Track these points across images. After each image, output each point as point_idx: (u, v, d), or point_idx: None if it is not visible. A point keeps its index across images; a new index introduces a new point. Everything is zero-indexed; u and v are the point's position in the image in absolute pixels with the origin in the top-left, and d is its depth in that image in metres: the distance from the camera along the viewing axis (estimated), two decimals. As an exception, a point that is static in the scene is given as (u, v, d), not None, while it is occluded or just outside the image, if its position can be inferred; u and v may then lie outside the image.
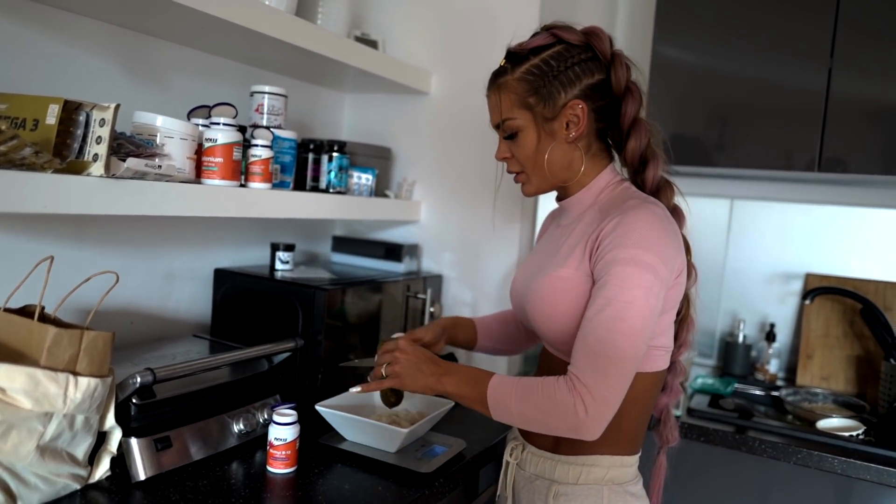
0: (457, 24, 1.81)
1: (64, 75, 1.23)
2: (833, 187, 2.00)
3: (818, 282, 1.99)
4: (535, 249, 1.23)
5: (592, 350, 0.94)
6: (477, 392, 1.02)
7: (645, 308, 0.94)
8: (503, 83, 1.07)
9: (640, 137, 1.07)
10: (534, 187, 1.12)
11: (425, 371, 1.08)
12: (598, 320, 0.95)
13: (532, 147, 1.07)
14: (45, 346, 0.91)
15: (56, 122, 0.95)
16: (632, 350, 0.94)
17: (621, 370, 0.94)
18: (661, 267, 0.96)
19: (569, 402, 0.93)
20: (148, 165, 1.04)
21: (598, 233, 1.00)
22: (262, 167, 1.31)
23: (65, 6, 1.19)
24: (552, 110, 1.04)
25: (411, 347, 1.11)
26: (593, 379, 0.93)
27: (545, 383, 0.97)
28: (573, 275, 1.02)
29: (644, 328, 0.95)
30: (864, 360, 1.89)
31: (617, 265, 0.95)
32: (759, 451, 1.49)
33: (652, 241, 0.96)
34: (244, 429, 1.21)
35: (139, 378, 1.02)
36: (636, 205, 1.00)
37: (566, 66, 1.04)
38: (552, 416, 0.95)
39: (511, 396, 0.99)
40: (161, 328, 1.48)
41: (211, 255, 1.58)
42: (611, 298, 0.94)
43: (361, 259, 1.82)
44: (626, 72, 1.05)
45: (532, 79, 1.04)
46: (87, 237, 1.31)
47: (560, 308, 1.03)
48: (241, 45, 1.42)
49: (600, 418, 0.93)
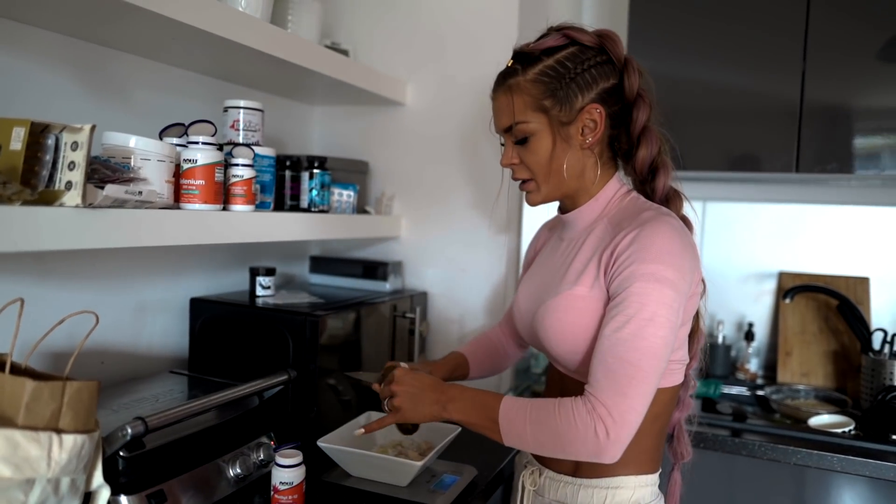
0: (430, 32, 1.76)
1: (14, 93, 1.11)
2: (802, 187, 2.04)
3: (792, 280, 2.03)
4: (538, 265, 1.18)
5: (611, 369, 0.90)
6: (486, 418, 0.97)
7: (665, 325, 0.91)
8: (515, 84, 1.01)
9: (650, 146, 1.04)
10: (542, 196, 1.07)
11: (427, 400, 1.01)
12: (618, 338, 0.91)
13: (546, 153, 1.02)
14: (22, 403, 0.80)
15: (23, 147, 0.85)
16: (653, 369, 0.91)
17: (642, 390, 0.90)
18: (680, 282, 0.93)
19: (588, 424, 0.89)
20: (128, 192, 0.94)
21: (612, 247, 0.97)
22: (245, 188, 1.21)
23: (12, 16, 1.07)
24: (569, 114, 1.00)
25: (408, 377, 1.04)
26: (613, 400, 0.89)
27: (561, 406, 0.92)
28: (588, 293, 0.98)
29: (665, 345, 0.92)
30: (840, 354, 1.94)
31: (636, 281, 0.92)
32: (760, 455, 1.49)
33: (671, 255, 0.93)
34: (240, 472, 1.11)
35: (129, 429, 0.92)
36: (652, 217, 0.97)
37: (583, 68, 1.00)
38: (570, 440, 0.90)
39: (525, 421, 0.94)
40: (134, 366, 1.35)
41: (184, 284, 1.47)
42: (631, 316, 0.91)
43: (342, 279, 1.73)
44: (638, 77, 1.02)
45: (548, 80, 0.99)
46: (50, 271, 1.18)
47: (575, 328, 0.98)
48: (209, 56, 1.32)
49: (621, 440, 0.89)
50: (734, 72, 1.75)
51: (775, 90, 1.71)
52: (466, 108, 1.72)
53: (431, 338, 1.77)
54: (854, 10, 1.64)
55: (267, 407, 1.25)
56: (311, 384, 1.30)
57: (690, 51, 1.78)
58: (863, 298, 1.95)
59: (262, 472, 1.16)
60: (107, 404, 1.10)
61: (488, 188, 1.71)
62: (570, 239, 1.09)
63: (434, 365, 1.25)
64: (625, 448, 0.90)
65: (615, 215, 1.04)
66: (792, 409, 1.71)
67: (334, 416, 1.36)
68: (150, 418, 0.94)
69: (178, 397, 1.18)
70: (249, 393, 1.15)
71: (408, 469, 1.11)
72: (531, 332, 1.10)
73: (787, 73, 1.69)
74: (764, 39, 1.71)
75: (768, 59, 1.71)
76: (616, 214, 1.04)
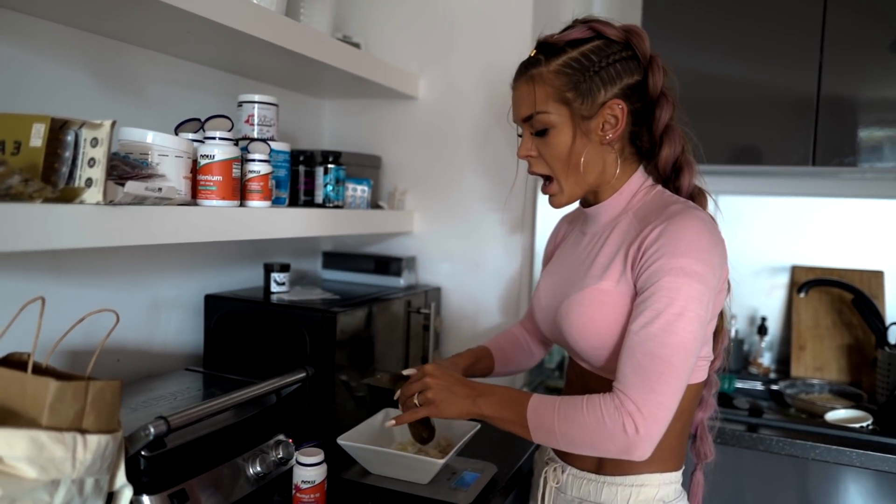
0: (443, 25, 1.74)
1: (25, 87, 1.09)
2: (815, 180, 2.03)
3: (805, 274, 2.02)
4: (558, 259, 1.16)
5: (641, 365, 0.89)
6: (516, 414, 0.96)
7: (695, 320, 0.90)
8: (537, 74, 0.99)
9: (673, 144, 1.03)
10: (566, 197, 1.05)
11: (459, 394, 1.01)
12: (647, 334, 0.90)
13: (565, 147, 1.00)
14: (46, 403, 0.79)
15: (43, 144, 0.83)
16: (683, 364, 0.90)
17: (672, 386, 0.89)
18: (709, 276, 0.92)
19: (617, 421, 0.88)
20: (148, 189, 0.93)
21: (639, 241, 0.95)
22: (262, 184, 1.20)
23: (24, 9, 1.05)
24: (590, 108, 0.98)
25: (440, 371, 1.04)
26: (643, 396, 0.88)
27: (590, 402, 0.91)
28: (614, 288, 0.97)
29: (695, 340, 0.90)
30: (854, 348, 1.92)
31: (665, 275, 0.90)
32: (777, 450, 1.48)
33: (700, 249, 0.91)
34: (260, 471, 1.10)
35: (152, 429, 0.91)
36: (680, 210, 0.95)
37: (607, 62, 0.98)
38: (600, 437, 0.90)
39: (553, 418, 0.93)
40: (150, 364, 1.34)
41: (198, 280, 1.45)
42: (660, 310, 0.89)
43: (355, 275, 1.72)
44: (662, 76, 1.01)
45: (571, 73, 0.98)
46: (64, 269, 1.17)
47: (602, 324, 0.97)
48: (222, 50, 1.30)
49: (651, 437, 0.88)
50: (747, 64, 1.73)
51: (791, 83, 1.69)
52: (479, 102, 1.70)
53: (445, 333, 1.75)
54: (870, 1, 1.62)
55: (284, 404, 1.24)
56: (328, 381, 1.29)
57: (703, 44, 1.75)
58: (877, 292, 1.93)
59: (280, 470, 1.15)
60: (125, 403, 1.09)
61: (501, 182, 1.69)
62: (593, 233, 1.08)
63: (457, 357, 1.23)
64: (655, 444, 0.89)
65: (640, 209, 1.02)
66: (807, 403, 1.70)
67: (350, 413, 1.35)
68: (172, 417, 0.93)
69: (195, 395, 1.17)
70: (269, 391, 1.14)
71: (430, 467, 1.10)
72: (554, 328, 1.09)
73: (804, 66, 1.67)
74: (779, 32, 1.69)
75: (783, 52, 1.70)
76: (641, 208, 1.02)
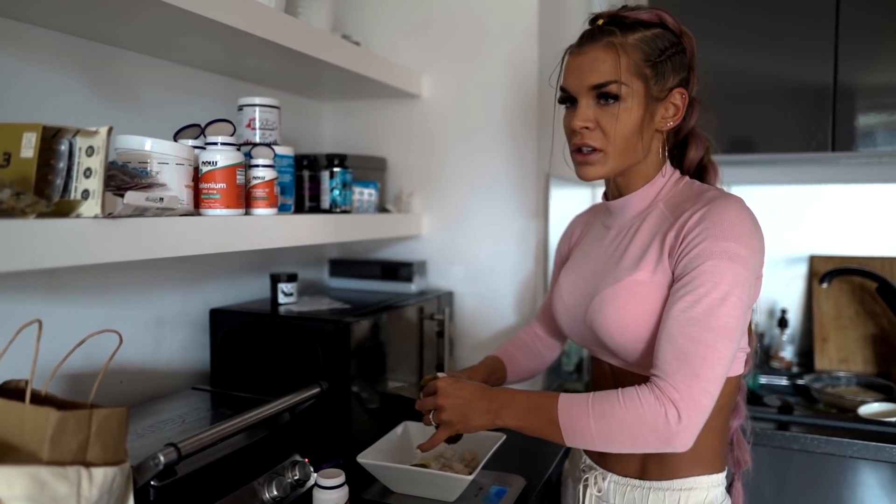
0: (444, 22, 1.68)
1: (14, 95, 1.03)
2: (830, 167, 1.98)
3: (825, 264, 1.97)
4: (580, 256, 1.11)
5: (682, 351, 0.85)
6: (544, 420, 0.91)
7: (738, 305, 0.86)
8: (619, 43, 0.93)
9: (698, 147, 1.04)
10: (606, 169, 0.98)
11: (478, 409, 0.95)
12: (689, 318, 0.85)
13: (632, 123, 0.94)
14: (46, 436, 0.72)
15: (35, 155, 0.77)
16: (726, 350, 0.85)
17: (717, 371, 0.85)
18: (752, 260, 0.89)
19: (658, 412, 0.84)
20: (149, 199, 0.86)
21: (678, 227, 0.92)
22: (267, 190, 1.14)
23: (12, 14, 0.99)
24: (661, 91, 0.95)
25: (452, 388, 0.98)
26: (686, 383, 0.84)
27: (627, 396, 0.87)
28: (650, 278, 0.93)
29: (738, 326, 0.87)
30: (880, 338, 1.87)
31: (708, 259, 0.87)
32: (813, 448, 1.43)
33: (743, 232, 0.88)
34: (277, 494, 1.04)
35: (162, 458, 0.84)
36: (719, 195, 0.93)
37: (673, 51, 0.96)
38: (641, 431, 0.85)
39: (588, 417, 0.88)
40: (155, 384, 1.28)
41: (202, 294, 1.39)
42: (702, 295, 0.86)
43: (363, 282, 1.66)
44: (697, 80, 1.01)
45: (650, 50, 0.94)
46: (62, 287, 1.10)
47: (639, 316, 0.93)
48: (218, 50, 1.24)
49: (694, 426, 0.84)
50: (757, 53, 1.68)
51: (807, 70, 1.65)
52: (485, 98, 1.64)
53: (460, 339, 1.69)
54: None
55: (298, 422, 1.18)
56: (344, 395, 1.22)
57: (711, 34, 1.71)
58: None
59: (298, 492, 1.09)
60: (130, 428, 1.01)
61: (510, 181, 1.63)
62: (619, 226, 1.04)
63: (471, 371, 1.19)
64: (697, 434, 0.85)
65: (672, 199, 0.99)
66: (835, 397, 1.65)
67: (366, 428, 1.28)
68: (182, 444, 0.87)
69: (204, 416, 1.10)
70: (283, 409, 1.08)
71: (457, 483, 1.03)
72: (581, 327, 1.04)
73: (819, 52, 1.63)
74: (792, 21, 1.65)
75: (798, 40, 1.65)
76: (673, 198, 0.99)
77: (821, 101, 1.64)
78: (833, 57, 1.62)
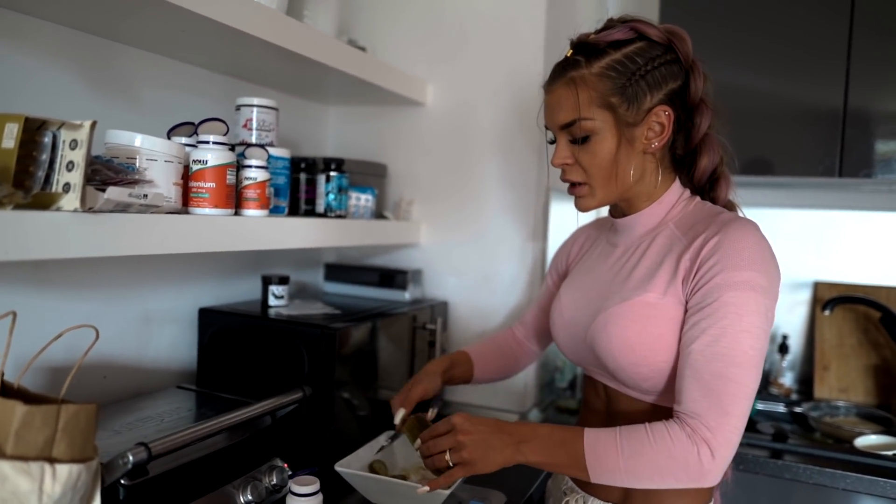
0: (451, 32, 1.67)
1: (12, 88, 1.03)
2: (837, 192, 1.94)
3: (829, 290, 1.93)
4: (583, 272, 1.08)
5: (710, 388, 0.82)
6: (570, 456, 0.87)
7: (762, 337, 0.84)
8: (579, 77, 0.92)
9: (711, 154, 0.97)
10: (596, 201, 0.97)
11: (497, 446, 0.88)
12: (714, 353, 0.83)
13: (607, 154, 0.92)
14: (11, 430, 0.71)
15: (16, 146, 0.76)
16: (753, 384, 0.83)
17: (745, 406, 0.83)
18: (772, 289, 0.86)
19: (691, 451, 0.81)
20: (132, 195, 0.86)
21: (692, 253, 0.88)
22: (258, 191, 1.13)
23: (10, 5, 0.99)
24: (636, 115, 0.91)
25: (470, 424, 0.91)
26: (717, 421, 0.82)
27: (656, 433, 0.84)
28: (660, 300, 0.90)
29: (761, 359, 0.84)
30: (882, 369, 1.83)
31: (730, 290, 0.84)
32: (805, 478, 1.39)
33: (763, 260, 0.86)
34: (251, 499, 1.03)
35: (131, 457, 0.83)
36: (733, 219, 0.89)
37: (652, 65, 0.91)
38: (671, 469, 0.83)
39: (617, 455, 0.84)
40: (139, 381, 1.27)
41: (192, 293, 1.38)
42: (726, 328, 0.83)
43: (358, 288, 1.65)
44: (703, 80, 0.94)
45: (615, 76, 0.90)
46: (48, 280, 1.10)
47: (645, 338, 0.90)
48: (220, 51, 1.24)
49: (725, 463, 0.83)
50: (766, 75, 1.66)
51: (817, 94, 1.62)
52: (489, 109, 1.64)
53: (451, 350, 1.67)
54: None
55: (280, 426, 1.17)
56: (327, 401, 1.21)
57: (722, 54, 1.69)
58: (906, 310, 1.84)
59: (274, 497, 1.07)
60: (108, 424, 1.02)
61: (512, 192, 1.62)
62: (626, 244, 1.01)
63: (431, 363, 1.18)
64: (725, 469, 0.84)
65: (683, 219, 0.96)
66: (833, 427, 1.61)
67: (352, 436, 1.27)
68: (153, 444, 0.86)
69: (185, 416, 1.09)
70: (263, 412, 1.07)
71: (435, 497, 1.01)
72: (579, 344, 1.01)
73: (830, 77, 1.60)
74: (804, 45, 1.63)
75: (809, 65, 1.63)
76: (684, 219, 0.96)
77: (830, 126, 1.62)
78: (844, 83, 1.60)
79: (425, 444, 0.94)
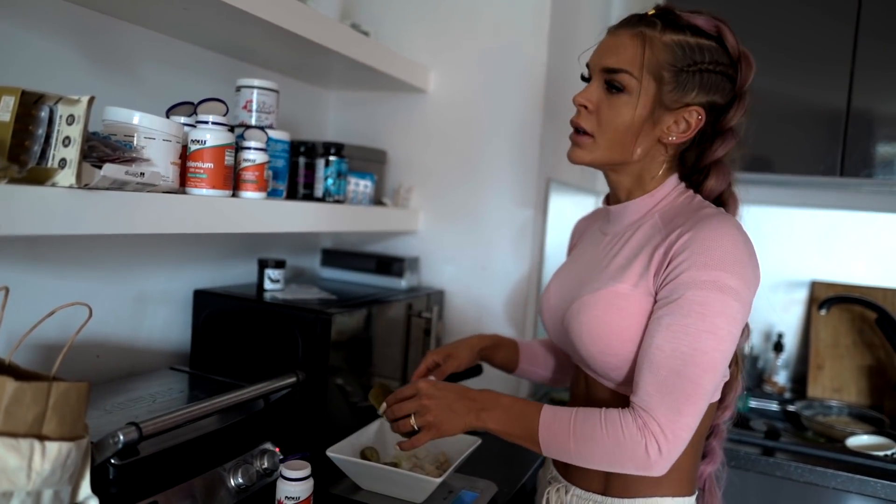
0: (455, 19, 1.66)
1: (10, 61, 1.01)
2: (837, 192, 1.94)
3: (825, 290, 1.93)
4: (573, 259, 1.09)
5: (666, 384, 0.83)
6: (525, 428, 0.90)
7: (726, 339, 0.83)
8: (650, 36, 0.89)
9: (720, 179, 0.96)
10: (591, 157, 0.94)
11: (460, 411, 0.92)
12: (673, 350, 0.83)
13: (628, 119, 0.90)
14: (1, 406, 0.71)
15: (11, 119, 0.75)
16: (710, 385, 0.84)
17: (699, 407, 0.84)
18: (745, 291, 0.84)
19: (639, 442, 0.83)
20: (128, 173, 0.85)
21: (666, 246, 0.87)
22: (257, 174, 1.12)
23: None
24: (674, 101, 0.90)
25: (436, 389, 0.95)
26: (667, 417, 0.82)
27: (609, 420, 0.85)
28: (631, 291, 0.89)
29: (724, 360, 0.84)
30: (875, 370, 1.84)
31: (696, 288, 0.83)
32: (797, 477, 1.40)
33: (736, 261, 0.84)
34: (242, 482, 1.02)
35: (122, 436, 0.83)
36: (713, 215, 0.88)
37: (714, 68, 0.90)
38: (619, 457, 0.84)
39: (569, 435, 0.87)
40: (132, 361, 1.26)
41: (188, 275, 1.37)
42: (689, 326, 0.82)
43: (355, 274, 1.64)
44: (743, 112, 0.94)
45: (679, 55, 0.89)
46: (42, 257, 1.09)
47: (612, 328, 0.90)
48: (221, 30, 1.22)
49: (672, 457, 0.84)
50: (774, 76, 1.65)
51: (820, 95, 1.62)
52: (490, 99, 1.62)
53: (447, 338, 1.67)
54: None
55: (272, 410, 1.16)
56: (320, 386, 1.21)
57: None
58: (902, 312, 1.84)
59: (265, 481, 1.07)
60: (100, 404, 1.01)
61: (511, 183, 1.61)
62: (614, 233, 1.00)
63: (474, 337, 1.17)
64: (673, 462, 0.85)
65: (667, 211, 0.95)
66: (825, 426, 1.62)
67: (344, 422, 1.27)
68: (144, 424, 0.85)
69: (177, 397, 1.09)
70: (256, 396, 1.06)
71: (425, 485, 1.02)
72: (560, 330, 1.02)
73: (834, 78, 1.60)
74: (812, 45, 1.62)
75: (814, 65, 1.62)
76: (669, 210, 0.95)
77: (833, 126, 1.61)
78: (848, 86, 1.59)
79: (390, 409, 0.96)
